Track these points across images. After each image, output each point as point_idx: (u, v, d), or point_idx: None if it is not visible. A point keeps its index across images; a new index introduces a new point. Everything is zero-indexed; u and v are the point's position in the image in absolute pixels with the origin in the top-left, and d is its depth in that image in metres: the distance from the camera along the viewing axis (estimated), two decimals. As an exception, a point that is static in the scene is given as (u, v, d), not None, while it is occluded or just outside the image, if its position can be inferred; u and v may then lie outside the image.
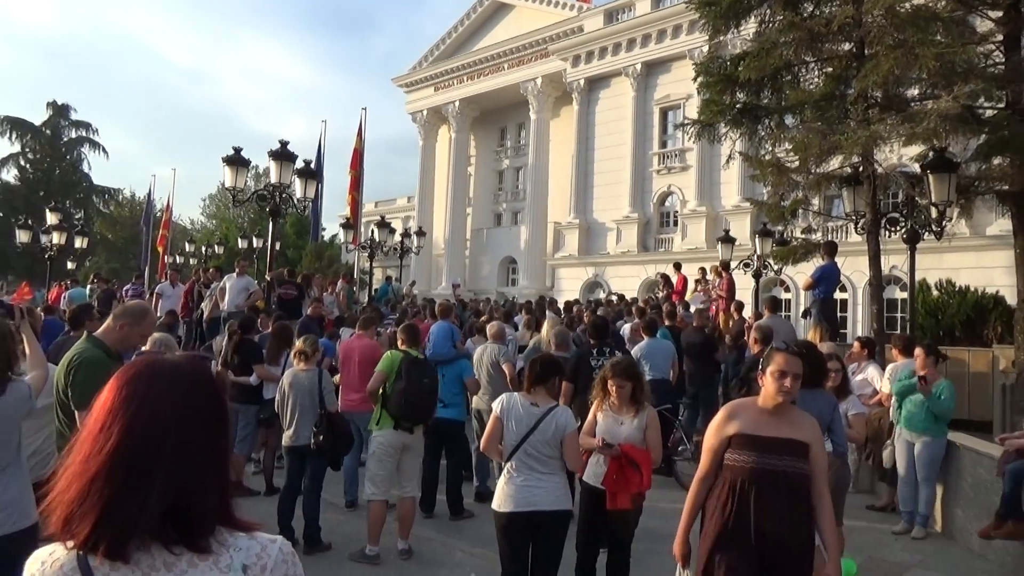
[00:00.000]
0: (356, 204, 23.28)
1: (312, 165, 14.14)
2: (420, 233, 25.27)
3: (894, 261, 18.44)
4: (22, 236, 21.57)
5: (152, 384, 1.33)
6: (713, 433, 3.30)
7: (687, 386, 9.84)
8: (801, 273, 17.17)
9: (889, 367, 7.88)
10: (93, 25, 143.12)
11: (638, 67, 32.48)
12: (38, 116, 52.33)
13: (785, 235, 16.14)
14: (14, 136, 50.11)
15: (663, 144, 32.60)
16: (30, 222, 24.55)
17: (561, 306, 16.25)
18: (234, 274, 12.56)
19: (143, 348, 5.06)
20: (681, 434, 8.61)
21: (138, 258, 35.64)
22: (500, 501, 4.04)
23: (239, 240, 29.52)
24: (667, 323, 10.49)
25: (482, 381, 7.33)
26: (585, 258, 33.76)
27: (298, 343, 6.46)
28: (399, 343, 6.21)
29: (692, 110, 27.37)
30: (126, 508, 1.23)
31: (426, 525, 6.64)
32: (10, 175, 50.61)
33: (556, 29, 35.76)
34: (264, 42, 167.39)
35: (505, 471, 4.07)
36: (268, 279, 12.39)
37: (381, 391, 5.83)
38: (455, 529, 6.65)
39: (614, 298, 20.36)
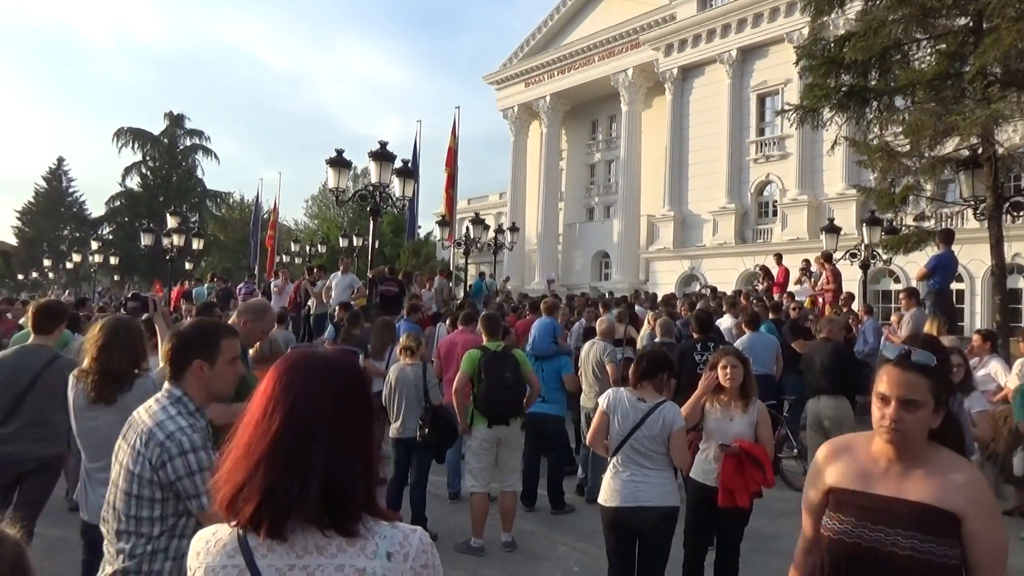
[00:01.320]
0: (451, 201, 23.66)
1: (408, 164, 14.48)
2: (514, 229, 25.40)
3: (1016, 248, 17.24)
4: (146, 239, 23.18)
5: (308, 375, 1.40)
6: (809, 482, 2.22)
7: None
8: (913, 263, 16.30)
9: (1018, 362, 7.39)
10: (202, 37, 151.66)
11: (733, 53, 31.57)
12: (156, 126, 56.15)
13: (895, 223, 15.34)
14: (136, 146, 54.15)
15: (761, 132, 31.58)
16: (151, 226, 26.30)
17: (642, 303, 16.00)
18: (339, 272, 13.05)
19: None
20: (786, 431, 8.37)
21: (248, 258, 37.55)
22: (606, 496, 4.05)
23: (340, 239, 30.58)
24: (771, 317, 10.19)
25: (588, 378, 7.27)
26: (680, 251, 33.15)
27: (403, 338, 6.65)
28: (483, 336, 6.27)
29: (792, 95, 26.39)
30: (287, 490, 1.31)
31: (528, 518, 6.72)
32: (133, 183, 54.75)
33: (647, 19, 35.18)
34: (358, 45, 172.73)
35: (611, 466, 4.08)
36: (371, 276, 12.80)
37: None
38: (557, 523, 6.69)
39: (706, 291, 19.95)
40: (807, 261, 16.35)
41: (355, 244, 27.90)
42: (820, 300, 14.00)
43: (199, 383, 2.42)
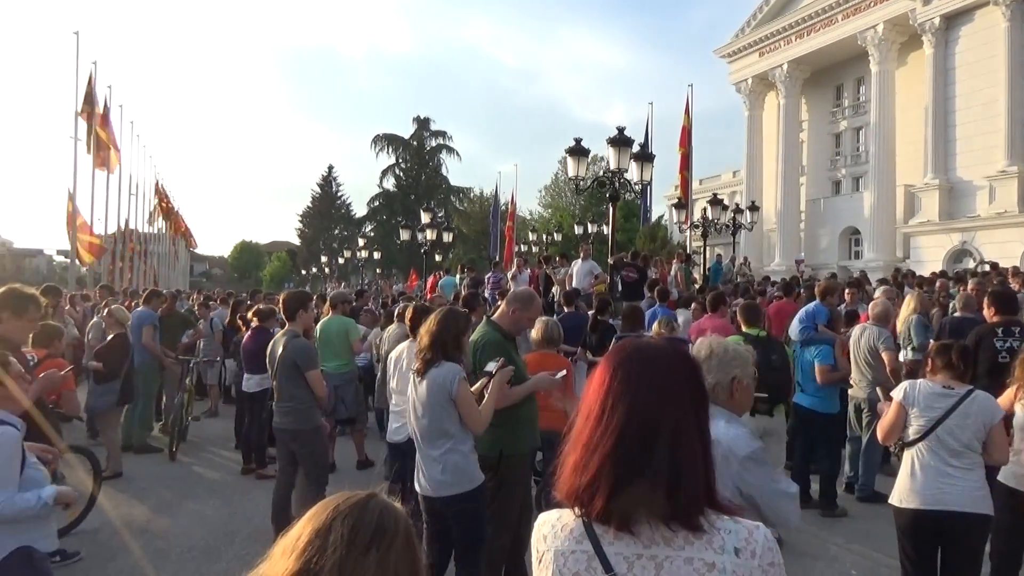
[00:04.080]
0: (686, 183, 23.13)
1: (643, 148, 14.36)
2: (753, 208, 24.25)
3: None
4: (403, 235, 25.53)
5: (644, 366, 1.40)
6: None
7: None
8: None
9: None
10: (442, 44, 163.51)
11: (1012, -9, 27.31)
12: (406, 130, 61.82)
13: None
14: (390, 150, 60.25)
15: (1051, 79, 27.02)
16: (406, 222, 28.85)
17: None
18: (579, 259, 13.29)
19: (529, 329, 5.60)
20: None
21: (488, 248, 39.68)
22: (901, 496, 3.68)
23: (575, 226, 31.21)
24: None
25: (860, 366, 6.68)
26: (948, 223, 29.43)
27: (656, 325, 6.65)
28: (741, 324, 6.03)
29: (1094, 33, 22.34)
30: (634, 488, 1.32)
31: (793, 514, 6.37)
32: (389, 183, 60.86)
33: (900, -34, 31.61)
34: (585, 33, 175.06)
35: (907, 463, 3.72)
36: (611, 262, 12.91)
37: None
38: (826, 522, 6.28)
39: (986, 267, 17.64)
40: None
41: (589, 231, 28.31)
42: None
43: None
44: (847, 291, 9.90)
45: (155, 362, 9.16)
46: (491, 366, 4.07)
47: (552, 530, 1.41)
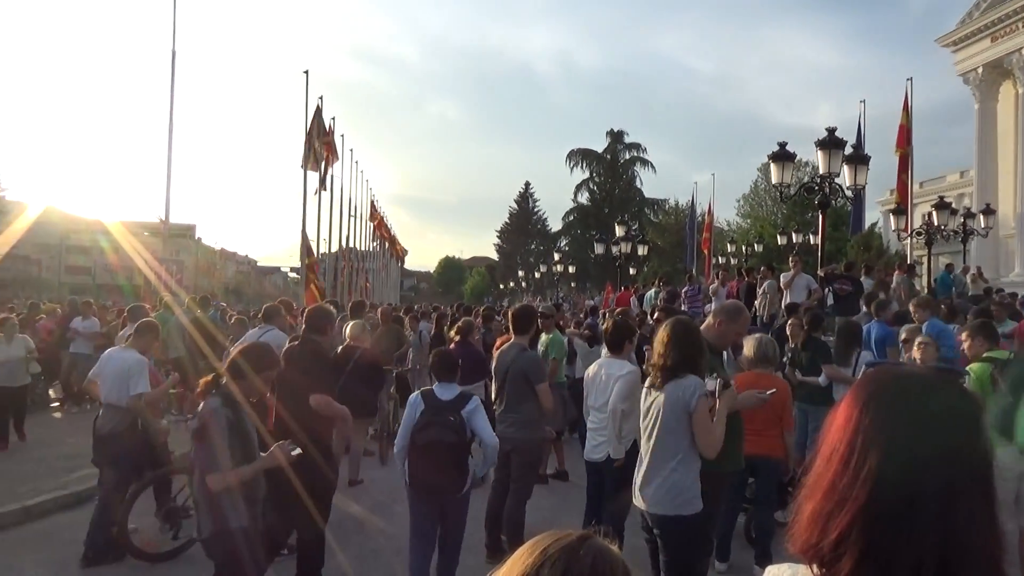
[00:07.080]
0: (904, 186, 21.14)
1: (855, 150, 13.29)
2: (988, 211, 21.56)
3: None
4: (598, 248, 25.74)
5: (906, 401, 1.15)
6: None
7: None
8: None
9: None
10: (635, 56, 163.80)
11: None
12: (599, 144, 62.48)
13: None
14: (584, 165, 61.30)
15: None
16: (600, 236, 29.01)
17: None
18: (791, 272, 12.49)
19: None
20: None
21: (684, 260, 38.74)
22: None
23: (777, 236, 29.59)
24: None
25: None
26: None
27: (916, 345, 6.11)
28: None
29: None
30: (895, 552, 1.07)
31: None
32: (583, 198, 61.85)
33: None
34: (785, 34, 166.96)
35: None
36: (822, 275, 12.07)
37: None
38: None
39: None
40: None
41: (794, 241, 26.70)
42: None
43: None
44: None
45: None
46: (710, 384, 3.82)
47: None
